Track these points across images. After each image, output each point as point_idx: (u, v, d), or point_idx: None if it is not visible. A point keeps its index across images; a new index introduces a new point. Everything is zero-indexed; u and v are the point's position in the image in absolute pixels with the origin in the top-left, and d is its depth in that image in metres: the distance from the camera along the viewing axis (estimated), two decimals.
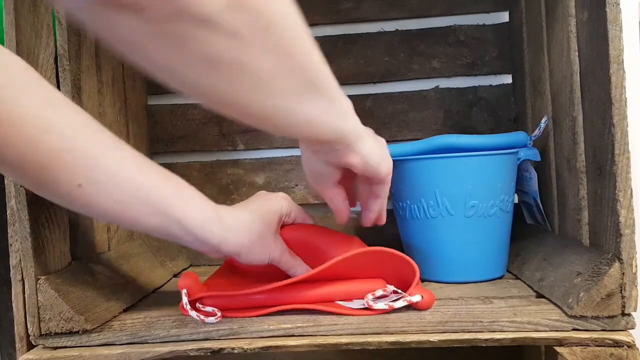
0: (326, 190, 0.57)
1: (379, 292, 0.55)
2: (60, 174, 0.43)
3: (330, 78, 0.45)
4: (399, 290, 0.56)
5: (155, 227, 0.47)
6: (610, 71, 0.48)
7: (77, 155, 0.43)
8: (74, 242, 0.59)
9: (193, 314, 0.53)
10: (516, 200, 0.73)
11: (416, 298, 0.53)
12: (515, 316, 0.50)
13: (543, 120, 0.66)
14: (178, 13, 0.31)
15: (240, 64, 0.36)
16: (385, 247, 0.56)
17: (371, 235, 0.86)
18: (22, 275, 0.52)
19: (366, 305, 0.53)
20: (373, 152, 0.53)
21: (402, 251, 0.71)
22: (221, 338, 0.52)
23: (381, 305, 0.53)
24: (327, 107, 0.45)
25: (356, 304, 0.55)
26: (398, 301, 0.53)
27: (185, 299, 0.54)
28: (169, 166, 0.89)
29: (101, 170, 0.44)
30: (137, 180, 0.46)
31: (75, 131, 0.43)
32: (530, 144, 0.68)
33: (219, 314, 0.53)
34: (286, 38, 0.38)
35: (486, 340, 0.49)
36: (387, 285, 0.56)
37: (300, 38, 0.40)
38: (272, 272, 0.58)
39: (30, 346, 0.54)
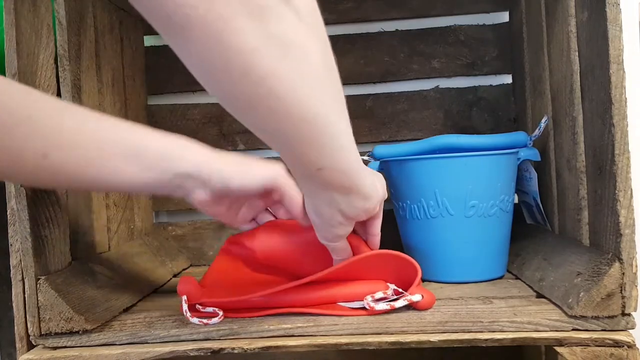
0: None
1: (379, 295, 0.55)
2: (24, 149, 0.42)
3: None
4: (400, 289, 0.55)
5: (130, 179, 0.47)
6: (610, 71, 0.48)
7: (36, 126, 0.42)
8: (74, 242, 0.59)
9: (195, 320, 0.53)
10: (516, 200, 0.73)
11: (416, 297, 0.53)
12: (515, 316, 0.50)
13: (543, 120, 0.66)
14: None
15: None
16: (388, 250, 0.55)
17: None
18: (23, 275, 0.52)
19: (367, 307, 0.53)
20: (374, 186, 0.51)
21: (402, 251, 0.71)
22: (221, 338, 0.52)
23: (382, 305, 0.53)
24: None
25: (356, 304, 0.55)
26: (398, 300, 0.53)
27: (185, 306, 0.53)
28: None
29: (63, 135, 0.44)
30: (103, 135, 0.46)
31: (28, 104, 0.43)
32: (530, 144, 0.68)
33: (220, 313, 0.53)
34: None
35: (486, 340, 0.49)
36: (389, 286, 0.56)
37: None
38: (272, 265, 0.58)
39: (30, 346, 0.54)
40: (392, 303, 0.53)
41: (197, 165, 0.50)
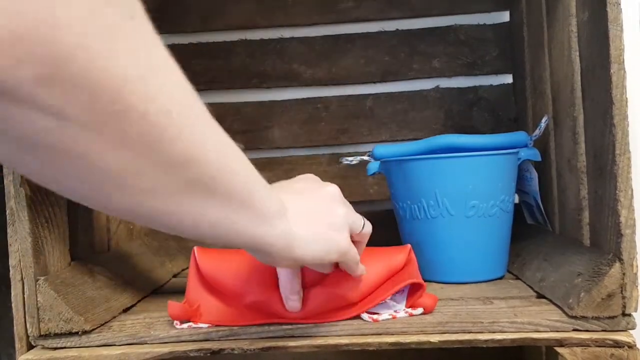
0: None
1: (376, 309, 0.53)
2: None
3: (243, 177, 0.38)
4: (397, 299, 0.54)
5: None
6: (611, 71, 0.47)
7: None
8: (73, 242, 0.59)
9: (184, 325, 0.53)
10: (516, 200, 0.73)
11: (418, 311, 0.53)
12: (516, 317, 0.50)
13: (543, 120, 0.66)
14: None
15: (68, 151, 0.26)
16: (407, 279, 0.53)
17: (374, 234, 0.86)
18: (22, 276, 0.52)
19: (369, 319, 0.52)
20: (312, 251, 0.43)
21: None
22: (221, 339, 0.52)
23: (385, 316, 0.52)
24: (232, 211, 0.36)
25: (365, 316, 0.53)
26: (400, 312, 0.53)
27: (178, 324, 0.53)
28: None
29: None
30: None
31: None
32: (530, 144, 0.68)
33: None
34: (157, 128, 0.28)
35: (486, 341, 0.49)
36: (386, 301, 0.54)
37: (187, 126, 0.30)
38: (258, 268, 0.54)
39: (29, 347, 0.54)
40: (394, 314, 0.53)
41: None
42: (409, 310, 0.53)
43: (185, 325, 0.53)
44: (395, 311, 0.53)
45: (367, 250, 0.53)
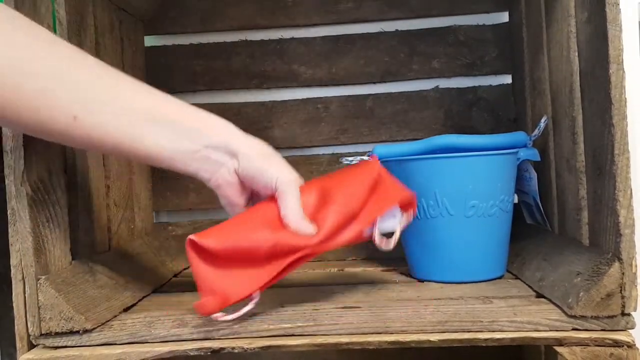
0: None
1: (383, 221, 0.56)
2: (54, 110, 0.44)
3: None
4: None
5: (157, 147, 0.48)
6: (610, 71, 0.48)
7: (70, 88, 0.44)
8: (74, 241, 0.59)
9: (233, 316, 0.51)
10: (516, 200, 0.73)
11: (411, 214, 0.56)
12: (515, 316, 0.50)
13: (543, 120, 0.66)
14: None
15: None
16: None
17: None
18: (23, 275, 0.52)
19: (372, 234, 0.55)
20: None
21: (402, 251, 0.71)
22: (221, 337, 0.52)
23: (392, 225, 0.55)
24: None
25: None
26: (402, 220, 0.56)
27: (220, 316, 0.51)
28: None
29: (96, 99, 0.45)
30: (136, 103, 0.47)
31: (65, 65, 0.45)
32: (530, 144, 0.68)
33: (255, 298, 0.52)
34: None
35: (486, 340, 0.49)
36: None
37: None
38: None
39: (30, 346, 0.54)
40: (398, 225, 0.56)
41: (227, 141, 0.51)
42: (405, 215, 0.56)
43: (230, 317, 0.51)
44: (400, 225, 0.56)
45: (338, 173, 0.58)
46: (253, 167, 0.52)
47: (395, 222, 0.56)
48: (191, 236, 0.52)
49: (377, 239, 0.55)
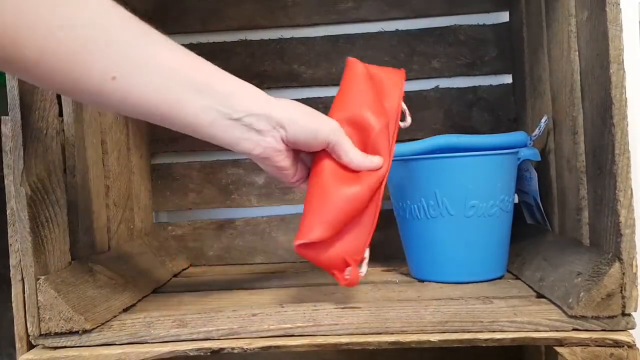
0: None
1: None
2: (91, 68, 0.41)
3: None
4: None
5: (197, 113, 0.46)
6: (611, 71, 0.48)
7: (110, 45, 0.41)
8: (73, 242, 0.59)
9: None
10: (516, 200, 0.73)
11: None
12: (516, 316, 0.50)
13: (543, 120, 0.66)
14: None
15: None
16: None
17: (374, 234, 0.86)
18: (22, 275, 0.52)
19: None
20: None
21: (402, 251, 0.71)
22: (221, 338, 0.52)
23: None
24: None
25: None
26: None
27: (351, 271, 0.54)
28: (168, 166, 0.89)
29: (136, 59, 0.42)
30: (175, 64, 0.44)
31: (105, 20, 0.41)
32: (530, 143, 0.68)
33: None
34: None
35: (486, 340, 0.49)
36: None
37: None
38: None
39: (30, 346, 0.54)
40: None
41: (269, 110, 0.49)
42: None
43: (364, 269, 0.55)
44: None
45: (342, 92, 0.58)
46: (303, 131, 0.51)
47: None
48: (296, 242, 0.53)
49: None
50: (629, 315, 0.48)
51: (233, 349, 0.50)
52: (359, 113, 0.56)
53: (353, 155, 0.54)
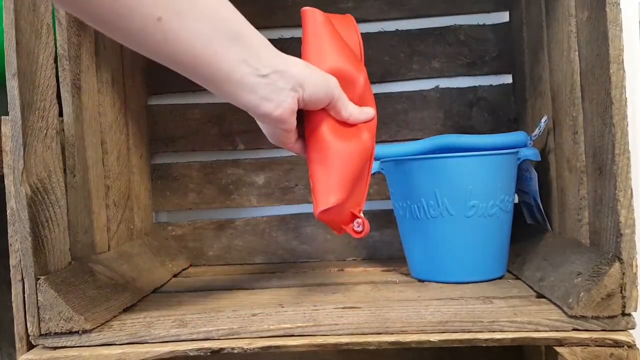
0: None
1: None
2: (140, 3, 0.40)
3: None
4: None
5: (230, 66, 0.45)
6: (610, 71, 0.48)
7: None
8: (73, 242, 0.59)
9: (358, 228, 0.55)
10: (516, 200, 0.73)
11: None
12: (516, 316, 0.50)
13: (543, 120, 0.66)
14: None
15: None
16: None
17: (374, 234, 0.86)
18: (22, 275, 0.52)
19: None
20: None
21: (403, 251, 0.71)
22: (221, 338, 0.52)
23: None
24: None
25: None
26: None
27: (358, 224, 0.55)
28: (168, 166, 0.89)
29: (184, 2, 0.42)
30: (219, 11, 0.44)
31: None
32: (530, 143, 0.68)
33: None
34: None
35: (486, 340, 0.49)
36: None
37: None
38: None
39: (30, 346, 0.54)
40: None
41: (291, 66, 0.49)
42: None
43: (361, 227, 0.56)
44: None
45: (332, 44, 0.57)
46: (317, 90, 0.50)
47: None
48: (318, 210, 0.52)
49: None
50: (629, 315, 0.48)
51: (233, 349, 0.50)
52: (340, 66, 0.55)
53: (352, 108, 0.55)
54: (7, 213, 0.53)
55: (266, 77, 0.47)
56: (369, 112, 0.56)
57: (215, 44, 0.44)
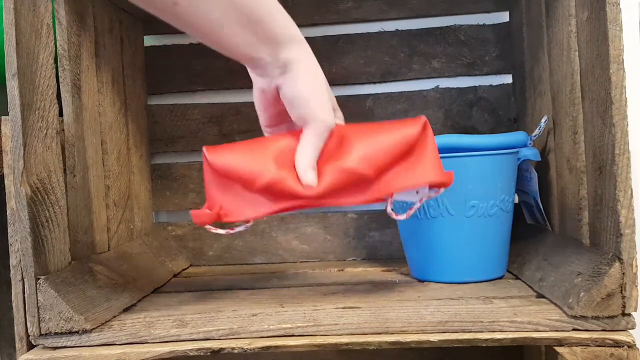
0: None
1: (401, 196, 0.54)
2: None
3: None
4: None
5: (246, 51, 0.50)
6: (611, 71, 0.48)
7: None
8: (73, 242, 0.59)
9: (221, 231, 0.56)
10: (516, 200, 0.73)
11: (441, 190, 0.54)
12: (516, 316, 0.50)
13: (543, 120, 0.66)
14: None
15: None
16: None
17: (374, 234, 0.86)
18: (22, 275, 0.52)
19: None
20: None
21: (402, 251, 0.71)
22: (221, 338, 0.52)
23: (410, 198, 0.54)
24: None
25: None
26: (423, 195, 0.54)
27: (212, 228, 0.56)
28: (168, 166, 0.89)
29: None
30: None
31: None
32: (530, 143, 0.68)
33: (249, 223, 0.55)
34: None
35: (486, 340, 0.49)
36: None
37: None
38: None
39: (30, 346, 0.54)
40: (418, 203, 0.55)
41: (292, 55, 0.52)
42: (432, 191, 0.54)
43: (223, 231, 0.56)
44: (420, 200, 0.55)
45: (376, 125, 0.54)
46: (296, 91, 0.51)
47: (415, 195, 0.53)
48: (204, 147, 0.54)
49: (389, 209, 0.54)
50: (629, 315, 0.48)
51: (233, 349, 0.50)
52: (356, 147, 0.52)
53: (304, 152, 0.52)
54: (7, 213, 0.53)
55: (277, 62, 0.51)
56: (309, 178, 0.51)
57: (229, 30, 0.48)
